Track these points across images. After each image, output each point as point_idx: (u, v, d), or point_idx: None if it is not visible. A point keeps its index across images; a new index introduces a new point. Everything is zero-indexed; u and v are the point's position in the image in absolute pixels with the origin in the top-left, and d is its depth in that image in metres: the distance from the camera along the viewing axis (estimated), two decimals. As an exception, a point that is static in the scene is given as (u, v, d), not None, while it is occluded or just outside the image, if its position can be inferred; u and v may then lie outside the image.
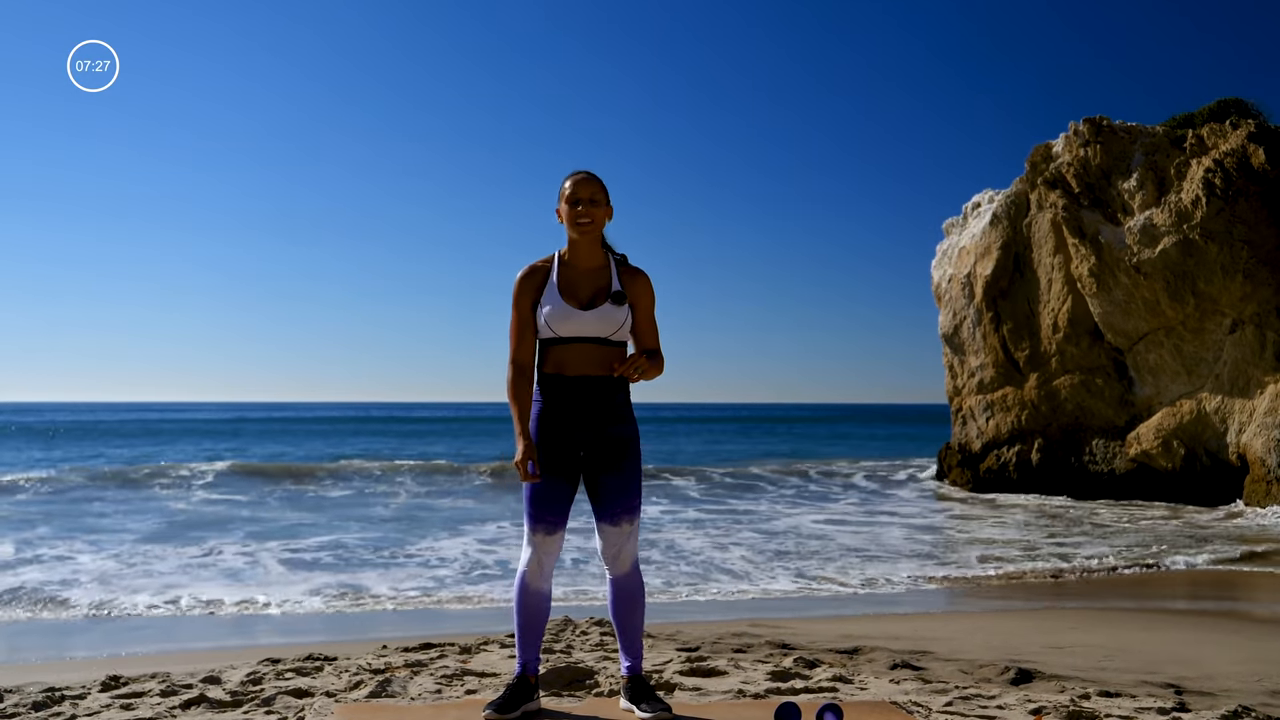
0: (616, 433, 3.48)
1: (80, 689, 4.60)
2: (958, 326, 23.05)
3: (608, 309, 3.43)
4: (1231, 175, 18.64)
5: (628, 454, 3.49)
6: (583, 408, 3.44)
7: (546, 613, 3.59)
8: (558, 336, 3.43)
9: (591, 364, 3.44)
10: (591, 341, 3.42)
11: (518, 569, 3.56)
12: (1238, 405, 18.95)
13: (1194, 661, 5.85)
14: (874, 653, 5.81)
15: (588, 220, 3.44)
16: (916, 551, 12.72)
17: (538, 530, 3.46)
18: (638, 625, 3.59)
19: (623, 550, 3.51)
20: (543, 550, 3.47)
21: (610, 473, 3.47)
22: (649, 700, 3.51)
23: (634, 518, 3.51)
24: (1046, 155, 21.43)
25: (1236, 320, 19.06)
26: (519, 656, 3.59)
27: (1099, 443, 21.05)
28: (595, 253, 3.51)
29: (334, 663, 5.15)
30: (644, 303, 3.54)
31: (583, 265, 3.50)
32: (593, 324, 3.42)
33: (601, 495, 3.48)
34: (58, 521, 14.72)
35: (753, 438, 53.72)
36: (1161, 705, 4.26)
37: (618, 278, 3.50)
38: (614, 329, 3.44)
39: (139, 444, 41.67)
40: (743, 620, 7.73)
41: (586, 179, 3.48)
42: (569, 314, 3.41)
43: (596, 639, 5.83)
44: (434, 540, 13.09)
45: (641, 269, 3.57)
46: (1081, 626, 7.38)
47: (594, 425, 3.45)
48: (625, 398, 3.53)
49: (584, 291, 3.46)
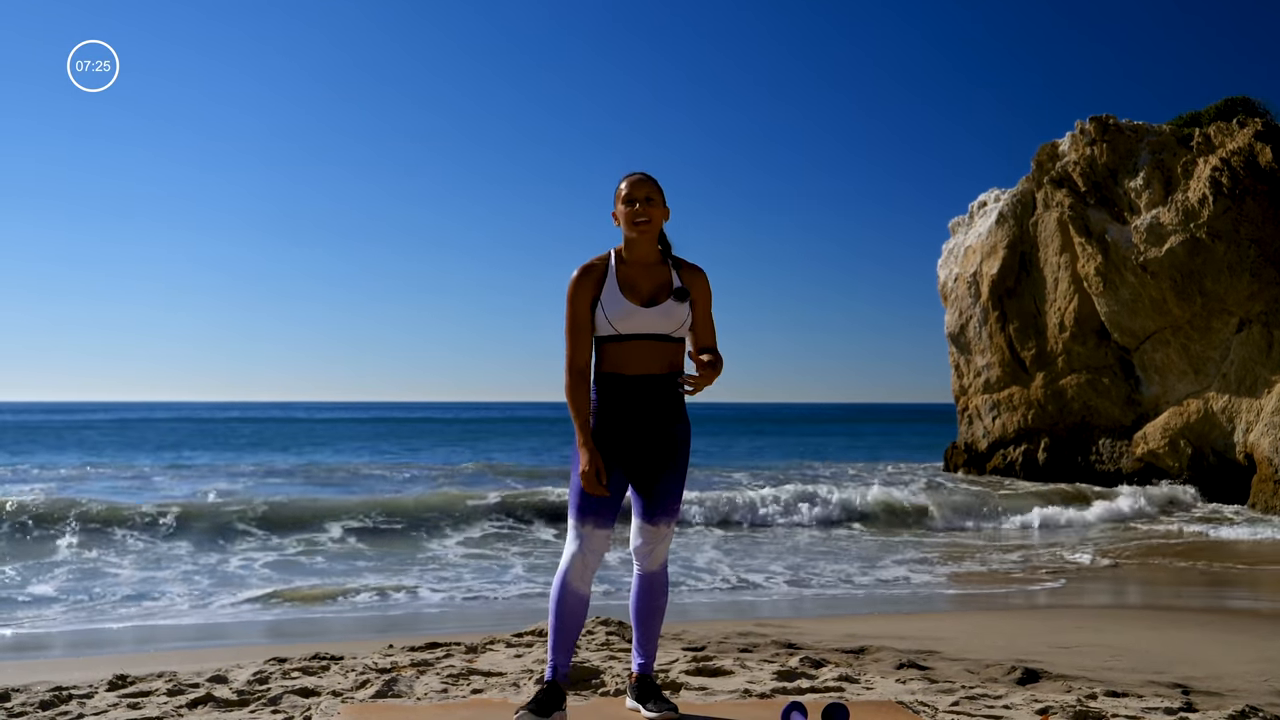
0: (673, 431, 3.44)
1: (87, 688, 4.61)
2: (964, 326, 23.02)
3: (670, 305, 3.39)
4: (1238, 174, 18.59)
5: (680, 453, 3.46)
6: (642, 406, 3.39)
7: (584, 617, 3.46)
8: (618, 334, 3.37)
9: (651, 362, 3.39)
10: (652, 338, 3.39)
11: (560, 567, 3.43)
12: (1245, 404, 18.89)
13: (1201, 661, 5.83)
14: (880, 652, 5.80)
15: (645, 219, 3.40)
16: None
17: (586, 521, 3.35)
18: (657, 625, 3.58)
19: (657, 549, 3.48)
20: (589, 546, 3.35)
21: (661, 471, 3.43)
22: (655, 700, 3.50)
23: (673, 520, 3.49)
24: (1053, 154, 21.38)
25: (1244, 319, 19.00)
26: (551, 659, 3.44)
27: (1105, 442, 21.00)
28: (653, 250, 3.47)
29: (340, 662, 5.15)
30: (703, 300, 3.50)
31: (641, 262, 3.45)
32: (655, 320, 3.37)
33: (648, 494, 3.43)
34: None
35: (753, 438, 53.65)
36: (1169, 705, 4.25)
37: (677, 274, 3.47)
38: (676, 325, 3.40)
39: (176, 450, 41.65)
40: (748, 620, 7.72)
41: (642, 179, 3.44)
42: (631, 311, 3.36)
43: (603, 639, 5.82)
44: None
45: (700, 266, 3.54)
46: (1088, 626, 7.37)
47: (652, 422, 3.41)
48: (681, 396, 3.49)
49: (645, 288, 3.41)
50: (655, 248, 3.48)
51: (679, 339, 3.44)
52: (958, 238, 23.87)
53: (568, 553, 3.40)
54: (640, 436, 3.40)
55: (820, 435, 57.07)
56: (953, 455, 24.02)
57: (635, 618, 3.58)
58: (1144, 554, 12.59)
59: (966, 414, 23.27)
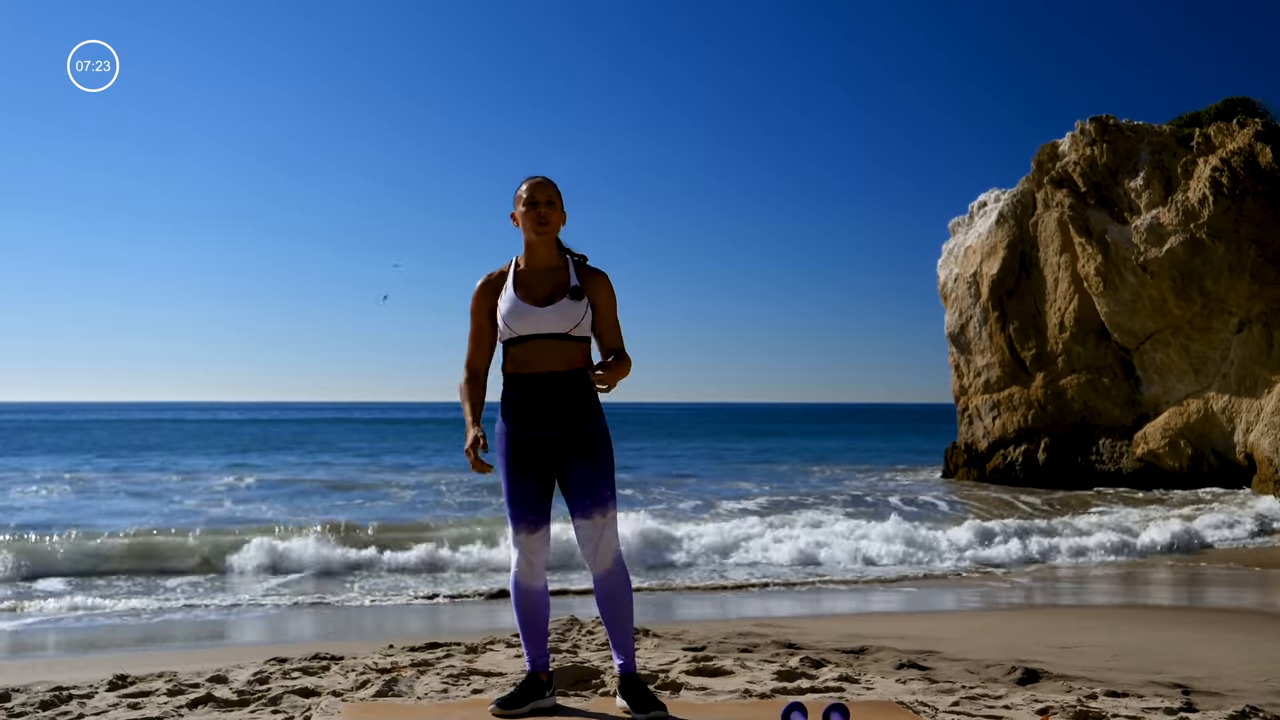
0: (584, 425, 3.49)
1: (88, 688, 4.61)
2: (964, 326, 23.01)
3: (565, 304, 3.45)
4: (1239, 174, 18.59)
5: (596, 446, 3.49)
6: (548, 403, 3.46)
7: (546, 608, 3.61)
8: (517, 335, 3.46)
9: (553, 360, 3.46)
10: (551, 338, 3.45)
11: (510, 571, 3.60)
12: (1245, 405, 18.89)
13: (1202, 661, 5.83)
14: (880, 652, 5.80)
15: (545, 223, 3.49)
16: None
17: (520, 530, 3.50)
18: (626, 622, 3.55)
19: (600, 545, 3.48)
20: (528, 549, 3.51)
21: (579, 466, 3.47)
22: (643, 698, 3.48)
23: (606, 510, 3.49)
24: (1053, 154, 21.38)
25: (1244, 319, 19.01)
26: (526, 654, 3.62)
27: (1106, 442, 21.00)
28: (552, 254, 3.56)
29: (340, 662, 5.15)
30: (604, 301, 3.55)
31: (540, 266, 3.54)
32: (551, 320, 3.45)
33: (572, 489, 3.49)
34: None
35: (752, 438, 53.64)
36: (1169, 705, 4.25)
37: (576, 276, 3.53)
38: (572, 324, 3.45)
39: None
40: (748, 620, 7.72)
41: (543, 183, 3.54)
42: (526, 311, 3.45)
43: (603, 638, 5.83)
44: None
45: (601, 269, 3.60)
46: (1088, 626, 7.37)
47: (561, 419, 3.47)
48: (591, 392, 3.53)
49: (541, 290, 3.50)
50: (554, 250, 3.56)
51: (579, 338, 3.49)
52: (958, 238, 23.86)
53: (513, 558, 3.58)
54: (552, 432, 3.47)
55: (821, 436, 57.03)
56: (953, 455, 24.02)
57: (604, 619, 3.59)
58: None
59: (966, 414, 23.27)
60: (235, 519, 15.09)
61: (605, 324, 3.56)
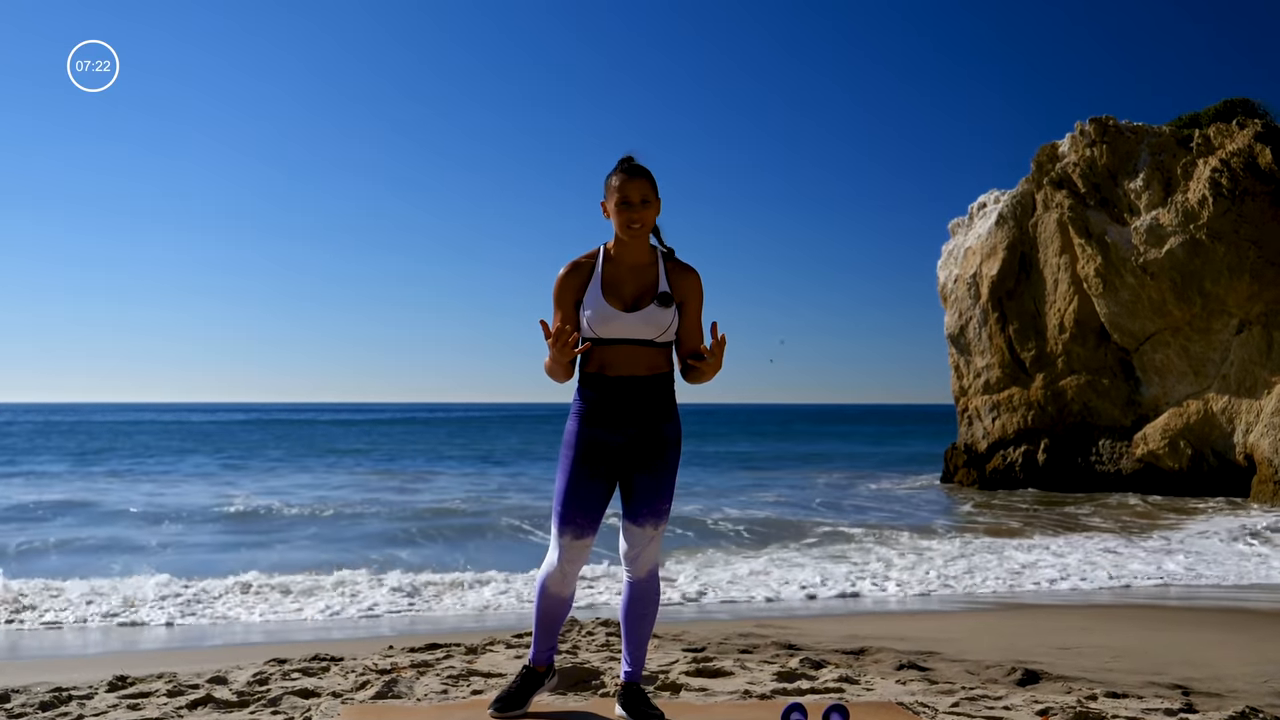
0: (659, 431, 3.36)
1: (87, 689, 4.60)
2: (964, 327, 23.01)
3: (652, 311, 3.28)
4: (1238, 175, 18.59)
5: (667, 454, 3.37)
6: (626, 406, 3.32)
7: (566, 613, 3.52)
8: (600, 338, 3.30)
9: (636, 365, 3.31)
10: (635, 343, 3.30)
11: (540, 571, 3.45)
12: (1245, 405, 18.89)
13: (1201, 662, 5.83)
14: (880, 653, 5.80)
15: (639, 225, 3.28)
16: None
17: (565, 532, 3.34)
18: (645, 633, 3.49)
19: (643, 554, 3.39)
20: (568, 557, 3.36)
21: (646, 471, 3.34)
22: (643, 710, 3.43)
23: (660, 522, 3.38)
24: (1053, 155, 21.39)
25: (1244, 320, 19.01)
26: (533, 648, 3.51)
27: (1105, 443, 21.00)
28: (643, 250, 3.35)
29: (340, 663, 5.15)
30: (693, 303, 3.37)
31: (629, 261, 3.33)
32: (637, 326, 3.28)
33: (634, 495, 3.35)
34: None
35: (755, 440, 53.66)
36: (1169, 706, 4.25)
37: (665, 277, 3.34)
38: (659, 332, 3.30)
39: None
40: (748, 621, 7.72)
41: (638, 179, 3.28)
42: (612, 316, 3.27)
43: (603, 639, 5.82)
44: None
45: (692, 266, 3.40)
46: (1088, 627, 7.37)
47: (637, 422, 3.33)
48: (670, 396, 3.40)
49: (629, 291, 3.30)
50: (647, 248, 3.36)
51: (664, 344, 3.35)
52: (957, 239, 23.87)
53: (547, 561, 3.42)
54: (626, 434, 3.33)
55: (820, 437, 57.06)
56: (952, 456, 24.01)
57: (623, 624, 3.51)
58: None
59: (966, 415, 23.27)
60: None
61: (691, 327, 3.38)
